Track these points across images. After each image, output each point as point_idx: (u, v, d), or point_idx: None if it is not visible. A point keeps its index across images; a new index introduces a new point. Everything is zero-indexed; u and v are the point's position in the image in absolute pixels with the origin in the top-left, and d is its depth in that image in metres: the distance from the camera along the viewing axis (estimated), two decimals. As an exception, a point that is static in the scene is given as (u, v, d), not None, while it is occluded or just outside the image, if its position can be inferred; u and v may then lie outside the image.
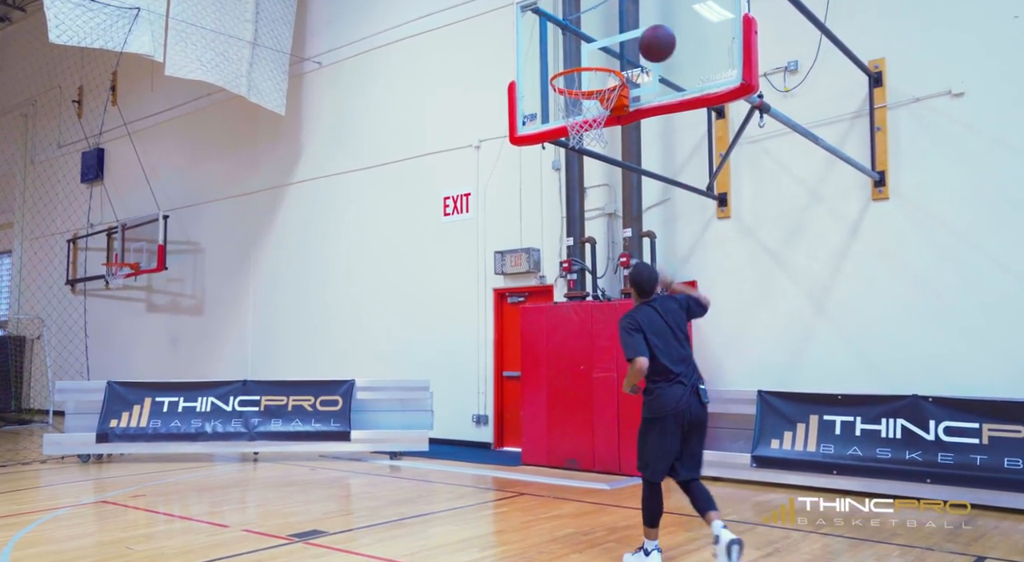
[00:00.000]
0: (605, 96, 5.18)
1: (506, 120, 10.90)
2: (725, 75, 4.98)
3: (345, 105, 13.11)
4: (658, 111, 5.30)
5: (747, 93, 4.86)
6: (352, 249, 12.69)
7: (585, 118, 5.20)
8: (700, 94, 5.04)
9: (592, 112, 5.39)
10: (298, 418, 9.83)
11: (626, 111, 5.28)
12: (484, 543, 5.32)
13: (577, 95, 5.32)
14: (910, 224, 7.63)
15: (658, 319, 4.72)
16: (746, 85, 4.82)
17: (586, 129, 5.23)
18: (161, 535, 5.68)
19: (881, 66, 7.81)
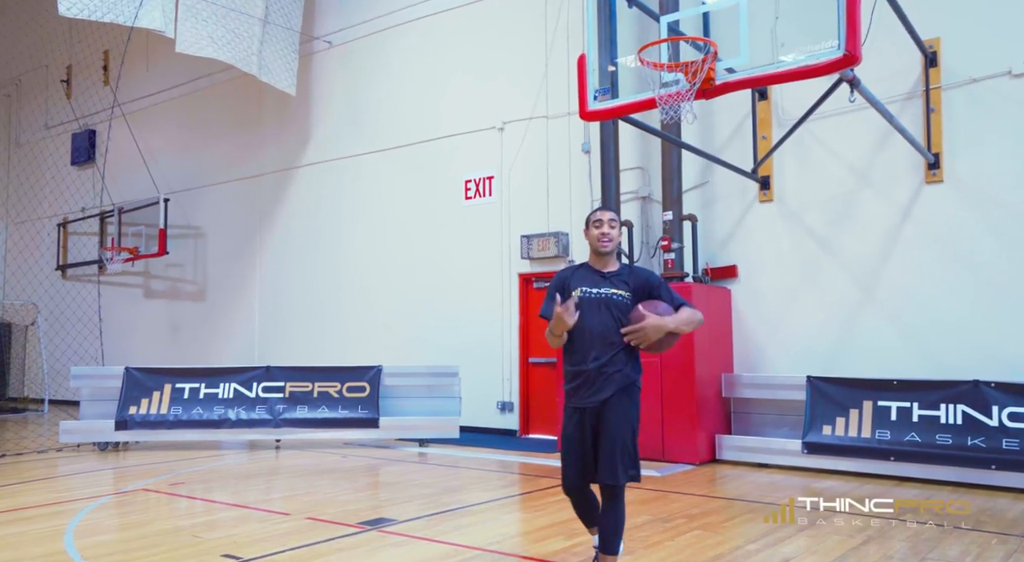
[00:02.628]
0: (693, 68, 4.98)
1: (534, 101, 10.77)
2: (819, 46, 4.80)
3: (358, 86, 12.77)
4: (748, 84, 5.12)
5: (850, 64, 4.69)
6: (368, 233, 12.38)
7: (675, 90, 4.98)
8: (798, 66, 4.85)
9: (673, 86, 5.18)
10: (324, 405, 9.55)
11: (712, 84, 5.08)
12: (566, 530, 5.12)
13: (663, 67, 5.10)
14: (965, 207, 7.55)
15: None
16: (849, 56, 4.65)
17: (673, 102, 5.01)
18: (224, 523, 5.41)
19: (936, 46, 7.70)
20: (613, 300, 3.68)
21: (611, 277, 3.75)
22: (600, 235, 3.75)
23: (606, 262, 3.81)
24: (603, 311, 3.64)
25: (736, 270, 8.85)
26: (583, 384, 3.63)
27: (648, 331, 3.55)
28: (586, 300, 3.65)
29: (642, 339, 3.56)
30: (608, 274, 3.77)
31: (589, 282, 3.73)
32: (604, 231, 3.76)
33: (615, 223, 3.79)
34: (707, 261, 8.97)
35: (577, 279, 3.77)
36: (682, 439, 8.12)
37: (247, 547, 4.69)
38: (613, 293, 3.69)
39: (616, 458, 3.55)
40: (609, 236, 3.75)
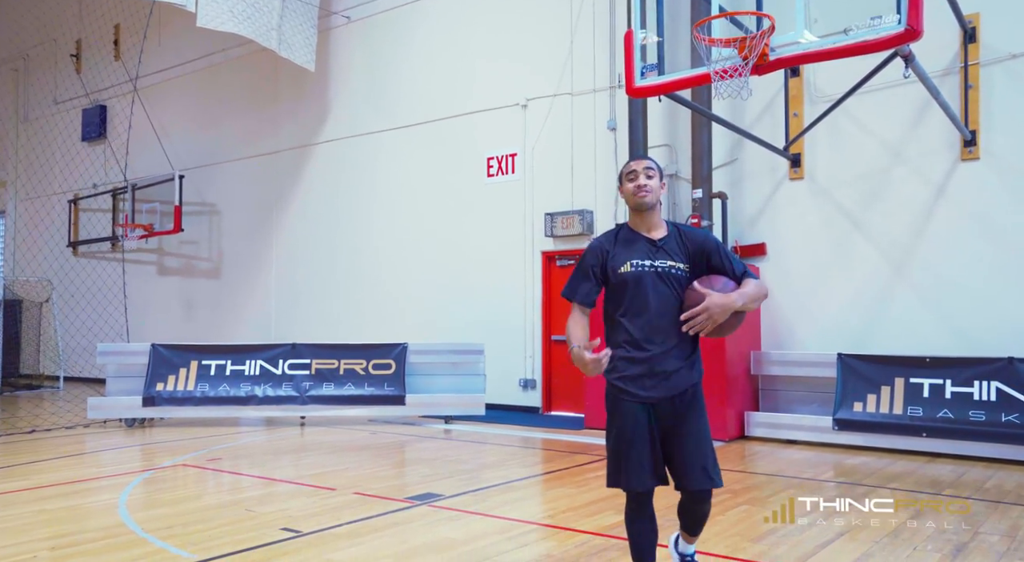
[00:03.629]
0: (749, 43, 4.92)
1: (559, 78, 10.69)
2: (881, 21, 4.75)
3: (378, 62, 12.65)
4: (805, 59, 5.07)
5: (912, 39, 4.65)
6: (388, 210, 12.34)
7: (729, 65, 4.94)
8: (859, 40, 4.81)
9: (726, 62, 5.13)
10: (350, 382, 9.57)
11: (767, 59, 5.03)
12: (615, 505, 5.15)
13: (717, 43, 5.05)
14: (1002, 185, 7.52)
15: None
16: (911, 30, 4.60)
17: (728, 77, 4.97)
18: (274, 497, 5.44)
19: (976, 21, 7.63)
20: (672, 274, 3.04)
21: (664, 245, 3.08)
22: (636, 188, 3.07)
23: (651, 224, 3.12)
24: (663, 287, 3.02)
25: (765, 248, 8.84)
26: (646, 374, 3.02)
27: (714, 313, 2.89)
28: (641, 275, 3.02)
29: (706, 324, 2.90)
30: (660, 242, 3.09)
31: (640, 253, 3.06)
32: (640, 183, 3.07)
33: (652, 172, 3.09)
34: (736, 239, 8.95)
35: (622, 251, 3.09)
36: (712, 416, 8.11)
37: (303, 521, 4.73)
38: (671, 266, 3.04)
39: (708, 460, 3.06)
40: (647, 187, 3.06)
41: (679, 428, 3.06)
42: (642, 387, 3.03)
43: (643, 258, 3.05)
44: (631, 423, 3.05)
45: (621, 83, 9.97)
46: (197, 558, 3.98)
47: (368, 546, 4.21)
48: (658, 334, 3.02)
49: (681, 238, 3.12)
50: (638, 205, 3.09)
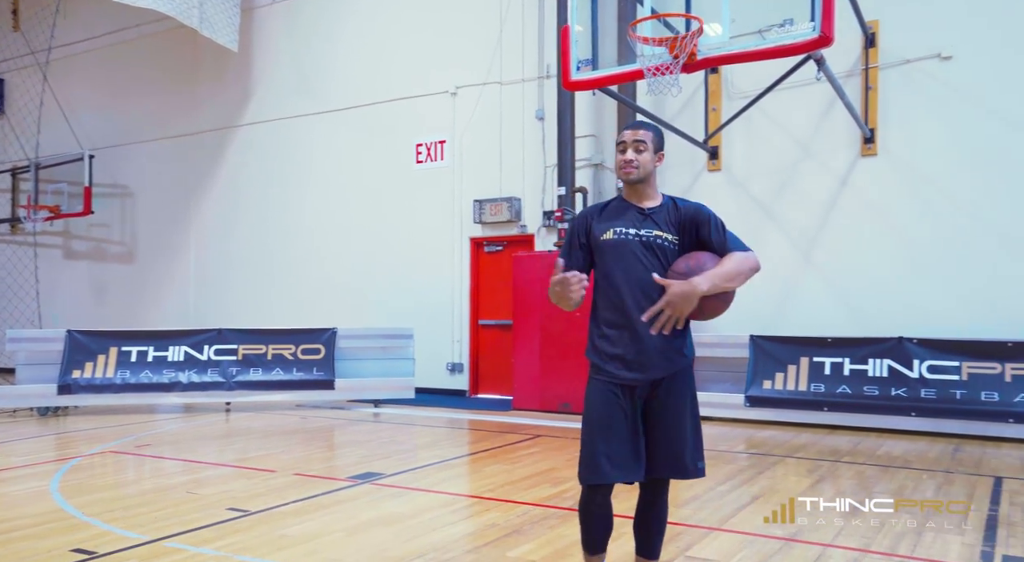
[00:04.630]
0: (679, 43, 5.25)
1: (488, 67, 10.86)
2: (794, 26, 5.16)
3: (304, 45, 12.50)
4: (729, 60, 5.43)
5: (825, 45, 5.08)
6: (317, 195, 12.25)
7: (661, 63, 5.25)
8: (776, 45, 5.21)
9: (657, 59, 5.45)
10: (279, 367, 9.55)
11: (695, 59, 5.38)
12: (550, 479, 5.46)
13: (649, 41, 5.35)
14: (896, 179, 8.19)
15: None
16: (824, 37, 5.03)
17: (659, 74, 5.29)
18: (213, 480, 5.47)
19: (875, 27, 8.25)
20: (659, 244, 2.79)
21: (653, 214, 2.84)
22: (623, 163, 2.84)
23: (643, 194, 2.88)
24: (648, 257, 2.77)
25: (684, 236, 9.30)
26: (629, 352, 2.77)
27: (676, 306, 2.62)
28: (623, 243, 2.79)
29: (672, 320, 2.64)
30: (650, 211, 2.85)
31: (625, 221, 2.83)
32: (627, 157, 2.83)
33: (644, 146, 2.82)
34: (657, 227, 9.38)
35: (607, 218, 2.88)
36: (634, 395, 8.57)
37: (248, 501, 4.81)
38: (658, 236, 2.80)
39: (686, 447, 2.82)
40: (634, 162, 2.81)
41: (661, 411, 2.81)
42: (625, 367, 2.77)
43: (628, 226, 2.82)
44: (607, 408, 2.77)
45: (550, 74, 10.25)
46: (147, 538, 4.02)
47: (318, 522, 4.35)
48: (637, 307, 2.74)
49: (674, 209, 2.88)
50: (624, 180, 2.88)
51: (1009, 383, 7.18)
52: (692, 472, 2.85)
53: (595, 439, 2.78)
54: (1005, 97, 7.71)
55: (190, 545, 3.90)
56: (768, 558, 3.72)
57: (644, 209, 2.87)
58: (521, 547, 3.87)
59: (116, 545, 3.91)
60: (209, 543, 3.94)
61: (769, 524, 4.29)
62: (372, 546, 3.90)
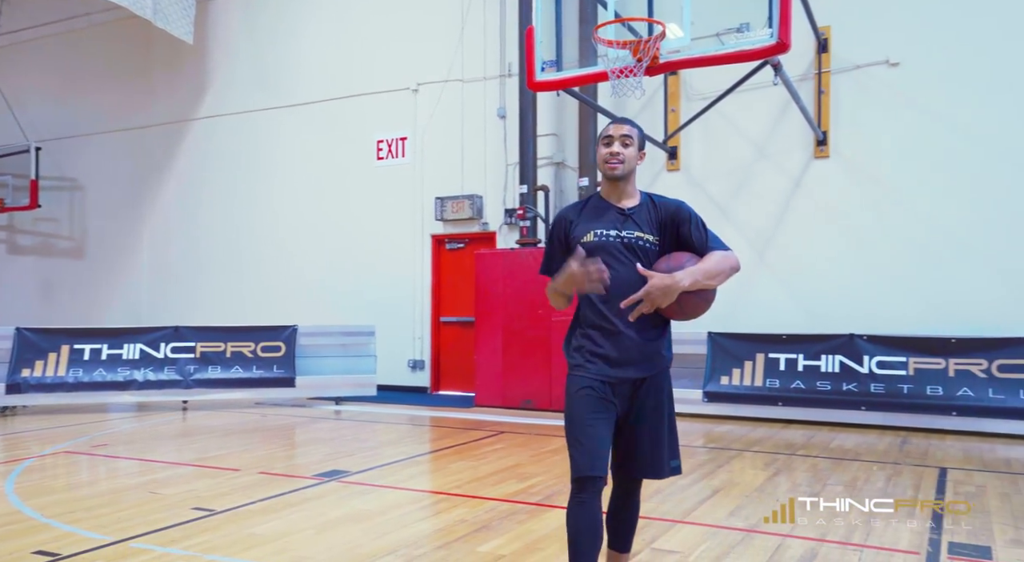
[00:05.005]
0: (642, 47, 5.36)
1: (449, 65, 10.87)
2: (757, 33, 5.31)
3: (262, 38, 12.34)
4: (690, 64, 5.56)
5: (781, 51, 5.23)
6: (276, 191, 12.12)
7: (625, 66, 5.35)
8: (736, 50, 5.35)
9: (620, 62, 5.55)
10: (238, 365, 9.44)
11: (657, 62, 5.49)
12: (516, 475, 5.53)
13: (613, 44, 5.45)
14: (847, 180, 8.46)
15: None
16: (782, 43, 5.18)
17: (623, 77, 5.39)
18: (176, 480, 5.41)
19: (827, 33, 8.50)
20: (640, 245, 2.77)
21: (634, 215, 2.81)
22: (608, 155, 2.80)
23: (622, 192, 2.84)
24: (628, 260, 2.75)
25: (644, 234, 9.47)
26: (612, 353, 2.76)
27: (654, 297, 2.62)
28: (604, 246, 2.76)
29: (646, 309, 2.65)
30: (630, 211, 2.82)
31: (605, 222, 2.80)
32: (613, 150, 2.79)
33: (630, 140, 2.81)
34: (618, 225, 9.52)
35: (588, 220, 2.83)
36: (595, 391, 8.69)
37: (214, 500, 4.77)
38: (639, 237, 2.77)
39: (663, 448, 2.84)
40: (620, 156, 2.78)
41: (638, 411, 2.81)
42: (608, 366, 2.76)
43: (609, 228, 2.79)
44: (590, 403, 2.75)
45: (511, 72, 10.31)
46: (112, 539, 3.98)
47: (287, 520, 4.35)
48: (621, 311, 2.71)
49: (653, 207, 2.85)
50: (607, 174, 2.82)
51: (952, 378, 7.49)
52: (667, 472, 2.87)
53: (587, 432, 2.72)
54: (950, 103, 8.02)
55: (157, 545, 3.87)
56: (730, 549, 3.85)
57: (624, 209, 2.82)
58: (491, 542, 3.93)
59: (80, 546, 3.86)
60: (177, 543, 3.92)
61: (732, 516, 4.43)
62: (342, 543, 3.92)
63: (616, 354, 2.76)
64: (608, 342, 2.76)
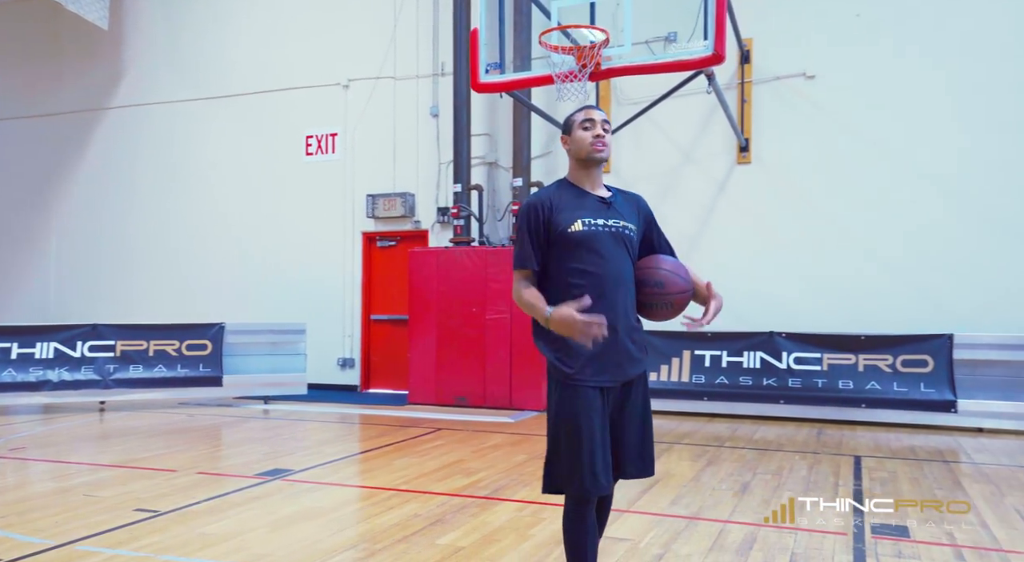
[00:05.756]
0: (586, 53, 5.54)
1: (381, 62, 10.83)
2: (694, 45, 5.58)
3: (183, 26, 11.94)
4: (631, 71, 5.78)
5: (717, 62, 5.50)
6: (197, 183, 11.75)
7: (571, 70, 5.52)
8: (674, 60, 5.60)
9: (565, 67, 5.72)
10: (162, 363, 9.14)
11: (600, 68, 5.69)
12: (459, 470, 5.62)
13: (557, 50, 5.61)
14: (767, 186, 8.92)
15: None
16: (717, 55, 5.45)
17: (568, 81, 5.55)
18: (110, 482, 5.22)
19: (749, 45, 8.93)
20: (626, 235, 2.70)
21: (615, 204, 2.75)
22: (595, 139, 2.70)
23: (595, 180, 2.78)
24: (619, 251, 2.66)
25: (575, 234, 9.70)
26: (602, 353, 2.60)
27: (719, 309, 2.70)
28: (595, 235, 2.65)
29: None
30: (610, 199, 2.76)
31: (590, 211, 2.69)
32: (598, 132, 2.71)
33: (608, 126, 2.77)
34: (550, 225, 9.72)
35: (567, 208, 2.68)
36: (529, 388, 8.87)
37: (156, 501, 4.66)
38: (625, 227, 2.71)
39: (651, 445, 2.79)
40: (605, 140, 2.72)
41: (627, 411, 2.72)
42: (599, 369, 2.62)
43: (596, 217, 2.67)
44: (589, 413, 2.60)
45: (445, 71, 10.36)
46: (54, 542, 3.85)
47: (237, 519, 4.30)
48: (615, 305, 2.61)
49: (624, 197, 2.83)
50: (592, 157, 2.71)
51: (862, 372, 8.03)
52: (652, 471, 2.81)
53: (585, 448, 2.58)
54: (861, 116, 8.57)
55: (105, 547, 3.78)
56: (677, 535, 4.05)
57: (604, 198, 2.75)
58: (448, 535, 4.01)
59: (20, 551, 3.72)
60: (125, 545, 3.82)
61: (673, 505, 4.66)
62: (300, 540, 3.92)
63: (609, 356, 2.61)
64: (604, 342, 2.51)
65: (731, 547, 3.85)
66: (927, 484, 5.31)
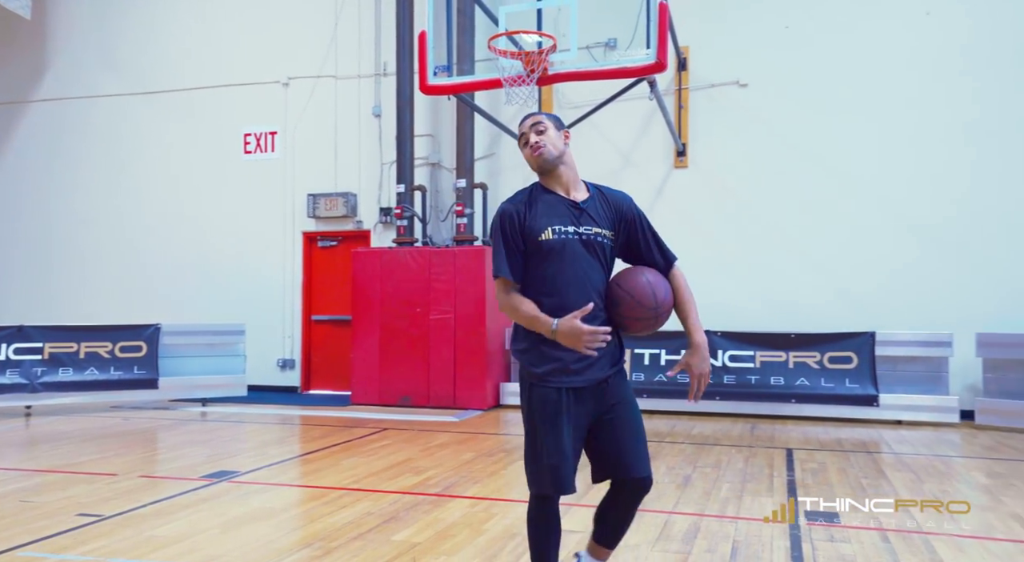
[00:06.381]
0: (534, 58, 5.67)
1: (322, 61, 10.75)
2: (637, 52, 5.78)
3: (114, 19, 11.60)
4: (575, 77, 5.93)
5: (659, 70, 5.71)
6: (131, 181, 11.42)
7: (519, 75, 5.63)
8: (618, 66, 5.78)
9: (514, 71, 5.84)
10: (93, 366, 8.87)
11: (547, 73, 5.82)
12: (409, 469, 5.66)
13: (506, 54, 5.71)
14: (703, 190, 9.24)
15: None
16: (659, 63, 5.66)
17: (516, 85, 5.66)
18: (48, 487, 5.07)
19: (686, 53, 9.24)
20: (599, 242, 2.68)
21: (588, 209, 2.70)
22: (530, 149, 2.69)
23: (566, 182, 2.72)
24: (589, 258, 2.65)
25: (518, 235, 9.83)
26: (573, 358, 2.62)
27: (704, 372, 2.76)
28: (565, 244, 2.63)
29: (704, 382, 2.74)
30: (584, 204, 2.71)
31: (561, 217, 2.66)
32: (531, 141, 2.69)
33: (543, 125, 2.70)
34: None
35: (540, 214, 2.65)
36: (473, 388, 8.96)
37: (99, 506, 4.56)
38: (598, 233, 2.68)
39: (643, 440, 2.76)
40: (540, 141, 2.67)
41: (614, 413, 2.71)
42: (571, 373, 2.64)
43: (566, 223, 2.65)
44: (551, 413, 2.63)
45: (387, 71, 10.35)
46: (-6, 550, 3.74)
47: (185, 521, 4.25)
48: (590, 310, 2.60)
49: (604, 201, 2.76)
50: (540, 164, 2.69)
51: (792, 369, 8.40)
52: (647, 470, 2.78)
53: (544, 447, 2.63)
54: (790, 123, 8.97)
55: (49, 553, 3.69)
56: (625, 525, 4.20)
57: (577, 202, 2.70)
58: (403, 532, 4.07)
59: (-41, 560, 3.60)
60: (70, 549, 3.75)
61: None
62: (253, 540, 3.91)
63: (577, 359, 2.62)
64: (569, 348, 2.57)
65: (677, 536, 4.02)
66: (854, 474, 5.63)
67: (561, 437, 2.63)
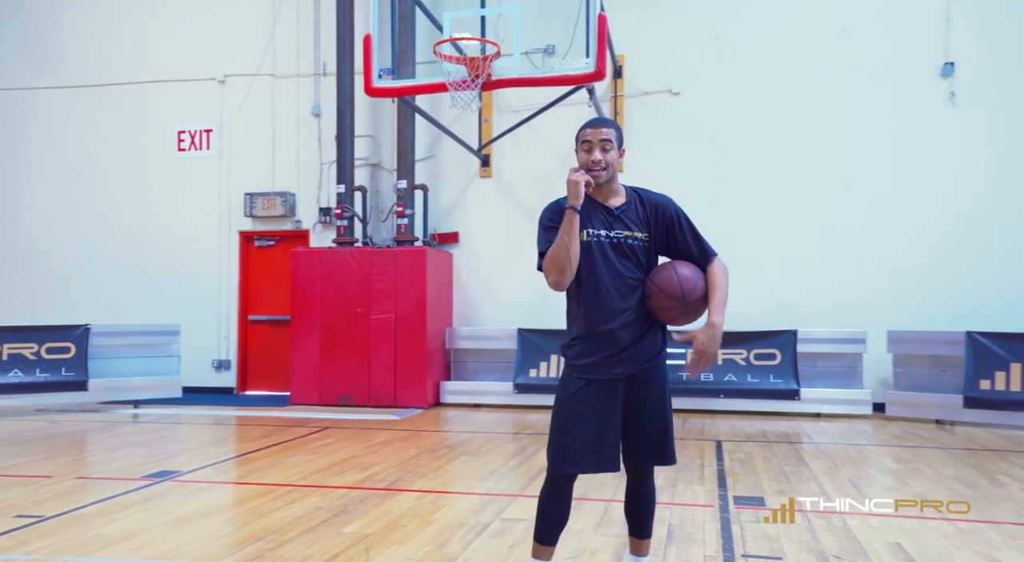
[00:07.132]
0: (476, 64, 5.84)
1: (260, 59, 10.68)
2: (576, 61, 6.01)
3: (32, 8, 11.21)
4: (520, 83, 6.12)
5: (598, 78, 5.96)
6: (54, 178, 11.07)
7: (461, 78, 5.79)
8: (559, 74, 6.01)
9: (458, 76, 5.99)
10: (17, 368, 8.60)
11: (491, 78, 6.00)
12: (354, 465, 5.74)
13: (451, 59, 5.86)
14: (638, 194, 9.55)
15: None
16: (599, 72, 5.91)
17: (460, 89, 5.82)
18: (-18, 492, 4.96)
19: (621, 61, 9.56)
20: (630, 245, 2.86)
21: (622, 214, 2.89)
22: (590, 163, 2.83)
23: (609, 192, 2.91)
24: (619, 259, 2.84)
25: (458, 236, 9.99)
26: (608, 351, 2.82)
27: (709, 349, 2.81)
28: (595, 246, 2.84)
29: (710, 360, 2.82)
30: (618, 211, 2.89)
31: (595, 222, 2.86)
32: (595, 158, 2.82)
33: (610, 144, 2.83)
34: (434, 227, 9.96)
35: (582, 215, 2.83)
36: (413, 386, 9.06)
37: (38, 507, 4.50)
38: (628, 237, 2.86)
39: (669, 435, 2.92)
40: (601, 163, 2.81)
41: (640, 401, 2.88)
42: (606, 365, 2.83)
43: (599, 227, 2.85)
44: (584, 402, 2.82)
45: (327, 71, 10.35)
46: (-67, 553, 3.68)
47: (133, 519, 4.24)
48: (617, 308, 2.81)
49: (641, 205, 2.92)
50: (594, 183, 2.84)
51: (720, 366, 8.79)
52: (672, 458, 2.93)
53: (570, 429, 2.82)
54: (720, 131, 9.39)
55: (-8, 554, 3.66)
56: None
57: (612, 209, 2.88)
58: (353, 524, 4.17)
59: None
60: (12, 550, 3.72)
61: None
62: (204, 535, 3.95)
63: (609, 352, 2.82)
64: (601, 342, 2.82)
65: (616, 522, 4.24)
66: (777, 462, 5.98)
67: (574, 421, 2.82)
